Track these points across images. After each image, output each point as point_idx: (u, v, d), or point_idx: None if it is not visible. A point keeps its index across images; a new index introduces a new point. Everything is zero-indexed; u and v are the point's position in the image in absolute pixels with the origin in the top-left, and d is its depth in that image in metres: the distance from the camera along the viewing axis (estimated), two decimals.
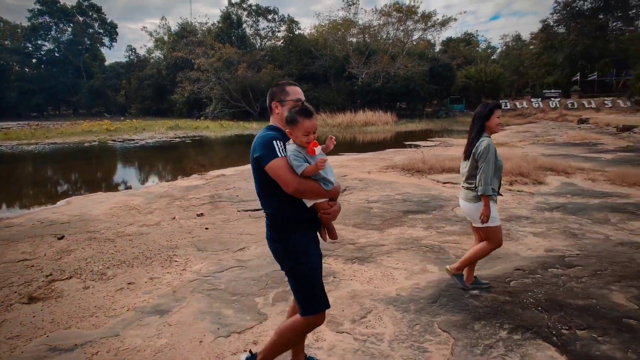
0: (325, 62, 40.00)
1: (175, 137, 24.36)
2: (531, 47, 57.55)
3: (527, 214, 5.91)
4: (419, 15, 39.62)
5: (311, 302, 2.09)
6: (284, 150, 1.97)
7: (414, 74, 37.07)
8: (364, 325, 2.97)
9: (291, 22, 45.15)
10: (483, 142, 3.22)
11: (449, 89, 43.82)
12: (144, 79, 55.25)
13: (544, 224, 5.40)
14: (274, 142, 1.97)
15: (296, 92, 2.14)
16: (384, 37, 42.44)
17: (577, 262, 4.02)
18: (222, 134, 27.01)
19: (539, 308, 3.13)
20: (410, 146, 17.07)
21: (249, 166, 11.85)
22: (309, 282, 2.08)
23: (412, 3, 39.98)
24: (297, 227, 2.07)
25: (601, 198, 6.74)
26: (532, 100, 43.16)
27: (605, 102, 39.32)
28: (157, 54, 60.27)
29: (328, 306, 2.13)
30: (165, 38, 56.93)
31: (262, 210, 2.17)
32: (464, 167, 3.41)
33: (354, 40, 42.69)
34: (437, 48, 51.10)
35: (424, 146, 16.57)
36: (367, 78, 37.05)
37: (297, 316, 2.15)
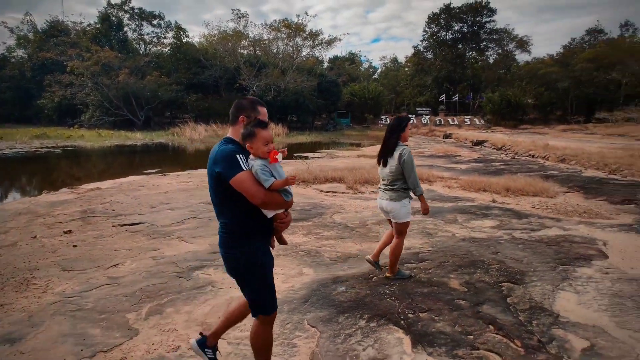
0: (215, 72, 39.26)
1: (42, 147, 21.56)
2: (406, 69, 64.40)
3: None
4: (307, 33, 41.43)
5: (262, 305, 2.24)
6: (246, 163, 2.07)
7: (303, 88, 38.53)
8: (239, 330, 3.10)
9: (179, 29, 43.39)
10: (405, 151, 3.81)
11: (336, 104, 46.48)
12: (3, 80, 47.55)
13: None
14: (237, 156, 2.06)
15: (265, 114, 2.29)
16: (275, 51, 43.32)
17: (428, 257, 4.72)
18: (100, 144, 24.64)
19: (393, 298, 3.63)
20: (298, 158, 17.69)
21: (129, 179, 11.16)
22: (262, 286, 2.23)
23: (300, 21, 41.68)
24: (254, 236, 2.19)
25: (453, 202, 7.90)
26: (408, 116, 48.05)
27: (465, 120, 45.87)
28: (20, 53, 52.59)
29: (275, 308, 2.30)
30: (31, 36, 50.05)
31: (217, 220, 2.25)
32: (386, 172, 3.92)
33: (245, 52, 42.76)
34: (325, 65, 53.99)
35: (312, 158, 17.34)
36: (259, 90, 37.37)
37: (253, 324, 2.30)
